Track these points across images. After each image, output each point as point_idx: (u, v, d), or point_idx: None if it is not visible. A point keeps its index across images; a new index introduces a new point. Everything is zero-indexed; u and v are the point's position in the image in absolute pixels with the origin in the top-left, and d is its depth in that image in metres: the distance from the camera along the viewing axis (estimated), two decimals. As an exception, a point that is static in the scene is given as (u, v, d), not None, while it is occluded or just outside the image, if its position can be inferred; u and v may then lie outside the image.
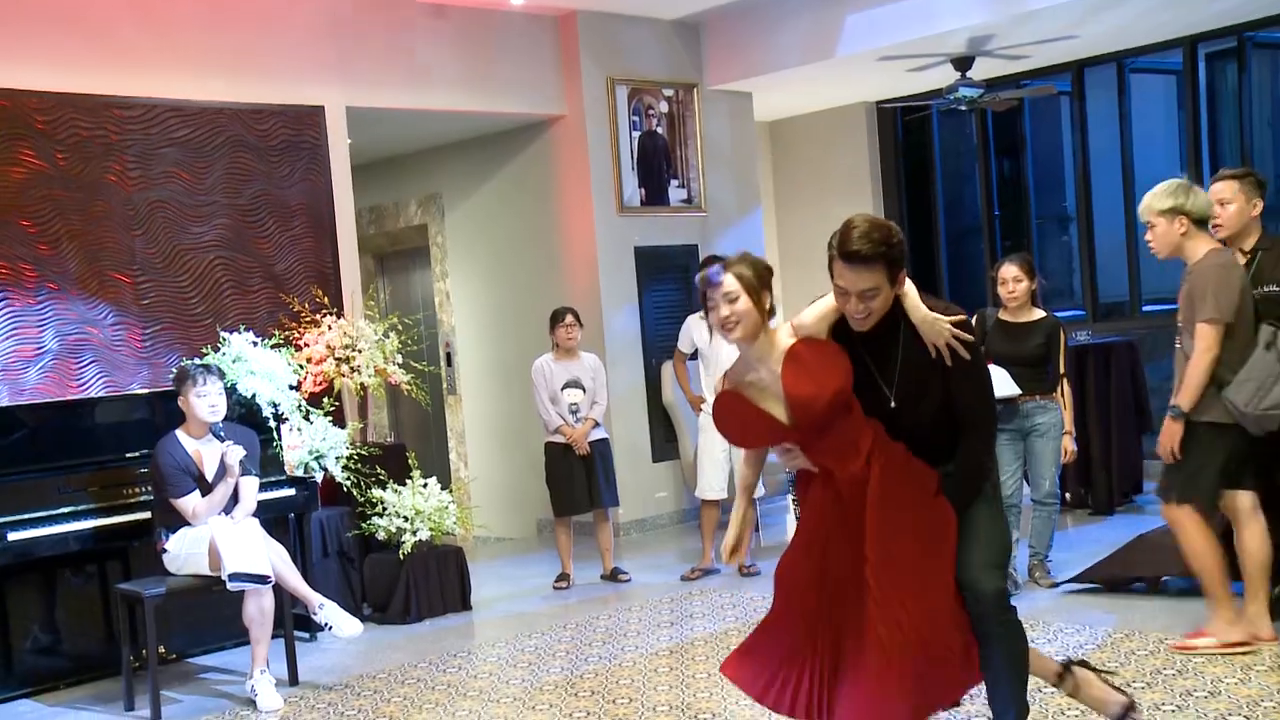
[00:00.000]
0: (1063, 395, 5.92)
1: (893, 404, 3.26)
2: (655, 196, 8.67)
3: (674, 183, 8.78)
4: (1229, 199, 4.83)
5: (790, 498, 8.32)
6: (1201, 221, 4.69)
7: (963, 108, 8.73)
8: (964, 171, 10.28)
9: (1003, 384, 5.57)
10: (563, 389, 6.94)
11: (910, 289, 3.29)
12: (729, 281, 3.23)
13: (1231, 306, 4.56)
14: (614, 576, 7.05)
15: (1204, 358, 4.56)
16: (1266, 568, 4.71)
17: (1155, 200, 4.72)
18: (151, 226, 6.48)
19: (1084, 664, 3.59)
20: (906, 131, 10.19)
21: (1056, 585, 5.86)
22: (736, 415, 3.31)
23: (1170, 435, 4.65)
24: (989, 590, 3.18)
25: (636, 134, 8.58)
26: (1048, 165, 9.89)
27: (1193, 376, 4.58)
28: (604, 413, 7.09)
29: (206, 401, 5.33)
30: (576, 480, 6.93)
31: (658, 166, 8.69)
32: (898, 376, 3.27)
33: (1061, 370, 5.90)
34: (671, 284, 8.71)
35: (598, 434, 7.01)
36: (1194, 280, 4.65)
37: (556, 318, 7.00)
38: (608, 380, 7.21)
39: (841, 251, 3.16)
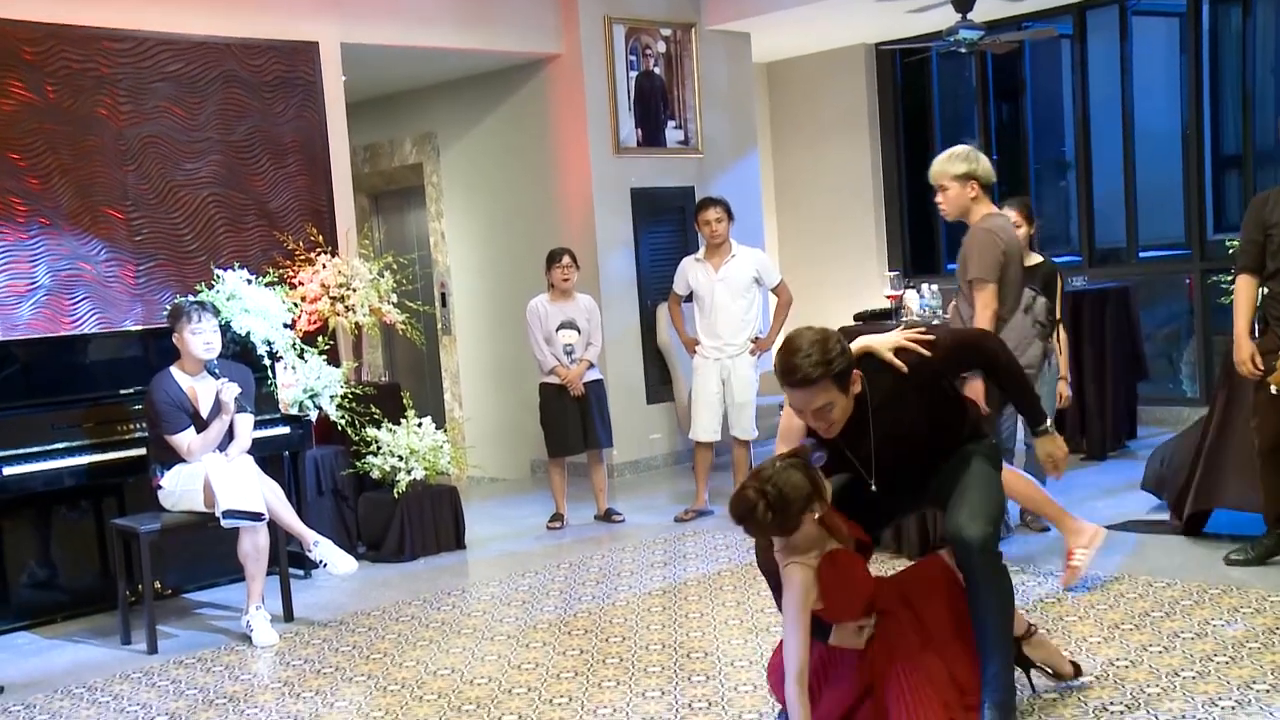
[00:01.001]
0: (1058, 340, 5.92)
1: (873, 487, 3.39)
2: (652, 137, 8.60)
3: (671, 124, 8.71)
4: None
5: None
6: (988, 186, 4.86)
7: (962, 50, 8.63)
8: (963, 115, 10.19)
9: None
10: (557, 330, 6.93)
11: (865, 340, 3.32)
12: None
13: (994, 266, 4.72)
14: (608, 517, 7.08)
15: (984, 314, 4.73)
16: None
17: (949, 165, 4.89)
18: (144, 162, 6.42)
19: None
20: (905, 74, 10.09)
21: (1046, 530, 5.90)
22: (850, 572, 3.33)
23: (976, 393, 4.63)
24: (974, 538, 3.32)
25: (634, 74, 8.49)
26: (1047, 109, 9.80)
27: None
28: (599, 354, 7.08)
29: (201, 338, 5.32)
30: (570, 421, 6.94)
31: (655, 107, 8.62)
32: (874, 454, 3.35)
33: (1058, 315, 5.89)
34: (668, 226, 8.66)
35: (592, 375, 7.01)
36: (965, 243, 4.85)
37: (553, 258, 6.98)
38: (602, 321, 7.20)
39: (784, 381, 3.19)
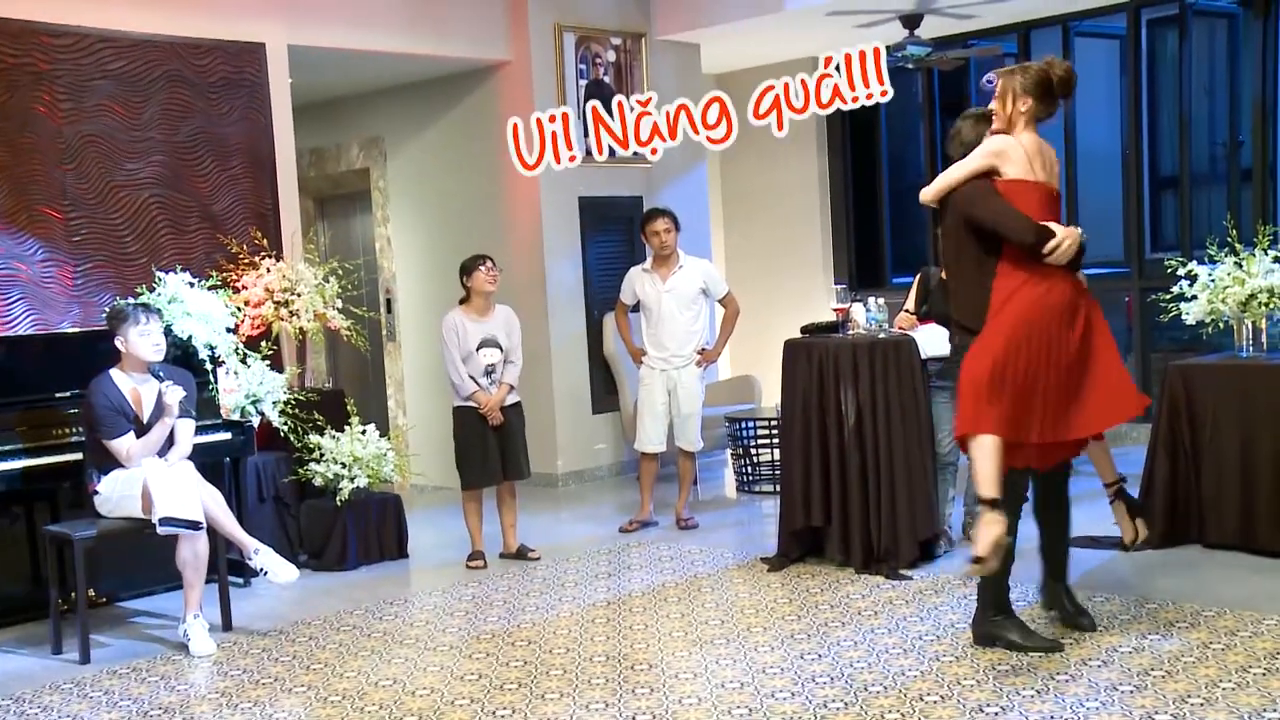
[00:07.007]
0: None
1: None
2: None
3: (620, 133, 8.69)
4: None
5: (728, 453, 8.37)
6: None
7: (910, 66, 8.72)
8: (909, 130, 10.30)
9: (939, 342, 5.61)
10: (478, 349, 6.28)
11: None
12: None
13: None
14: (521, 555, 6.42)
15: None
16: None
17: None
18: (83, 161, 6.31)
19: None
20: (853, 88, 10.16)
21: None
22: None
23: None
24: None
25: (583, 82, 8.48)
26: (991, 126, 9.92)
27: None
28: (518, 374, 6.42)
29: (150, 340, 5.23)
30: (490, 452, 6.31)
31: (604, 116, 8.59)
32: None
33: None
34: (615, 235, 8.65)
35: (511, 399, 6.39)
36: None
37: (472, 266, 6.31)
38: (541, 331, 7.10)
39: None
